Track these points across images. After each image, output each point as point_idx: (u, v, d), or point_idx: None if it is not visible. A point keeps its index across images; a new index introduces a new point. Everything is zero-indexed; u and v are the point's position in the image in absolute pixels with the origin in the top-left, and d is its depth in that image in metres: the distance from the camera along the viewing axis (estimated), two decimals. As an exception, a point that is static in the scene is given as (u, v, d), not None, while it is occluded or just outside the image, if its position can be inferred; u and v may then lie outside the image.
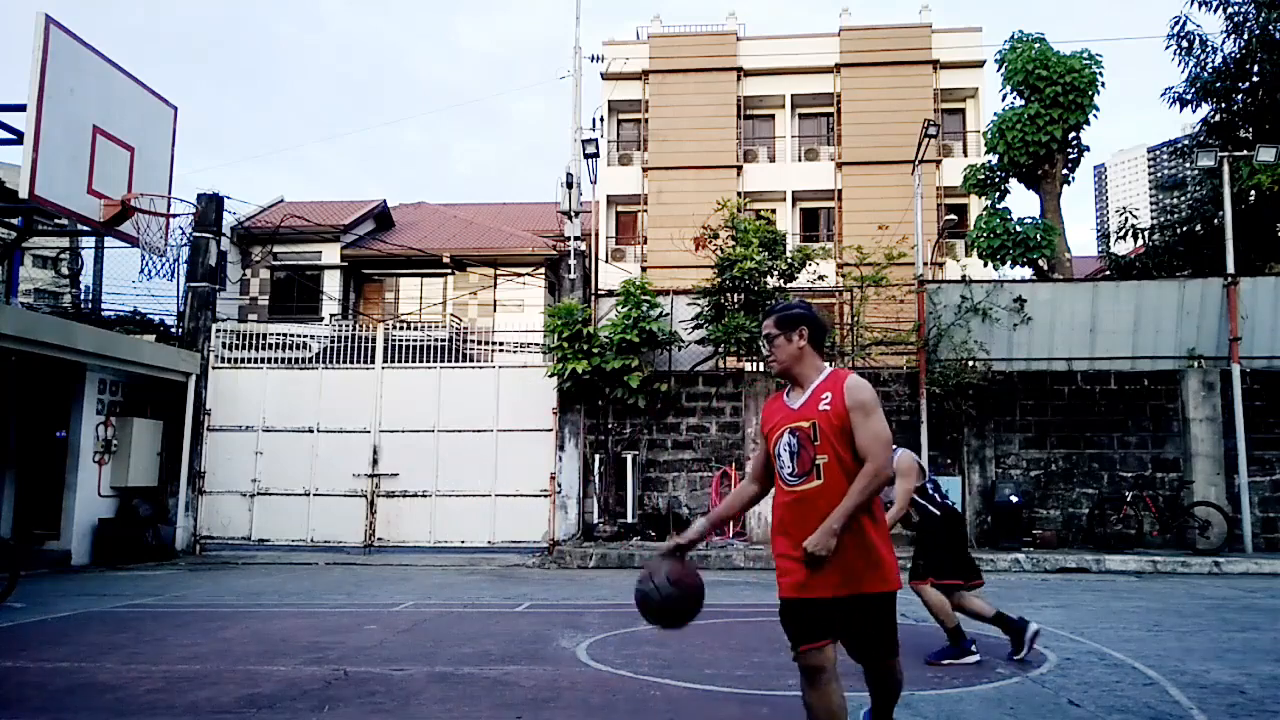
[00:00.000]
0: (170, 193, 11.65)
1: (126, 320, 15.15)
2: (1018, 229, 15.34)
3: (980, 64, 27.46)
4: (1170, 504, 12.54)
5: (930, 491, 5.84)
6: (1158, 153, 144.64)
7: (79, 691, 4.97)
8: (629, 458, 13.34)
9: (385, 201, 26.80)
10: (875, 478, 3.09)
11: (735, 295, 13.33)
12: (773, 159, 28.87)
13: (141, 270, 11.36)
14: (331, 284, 24.03)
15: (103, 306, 15.57)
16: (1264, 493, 12.77)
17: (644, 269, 25.27)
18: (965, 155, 27.06)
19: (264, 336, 15.14)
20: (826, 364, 3.40)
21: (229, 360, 14.14)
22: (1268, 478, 12.82)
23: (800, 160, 28.59)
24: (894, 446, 4.51)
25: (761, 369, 13.55)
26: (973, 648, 5.60)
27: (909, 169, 15.77)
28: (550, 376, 13.11)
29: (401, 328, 17.84)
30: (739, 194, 24.54)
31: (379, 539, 13.30)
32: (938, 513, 5.80)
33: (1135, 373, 13.19)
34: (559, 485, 13.22)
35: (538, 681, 5.21)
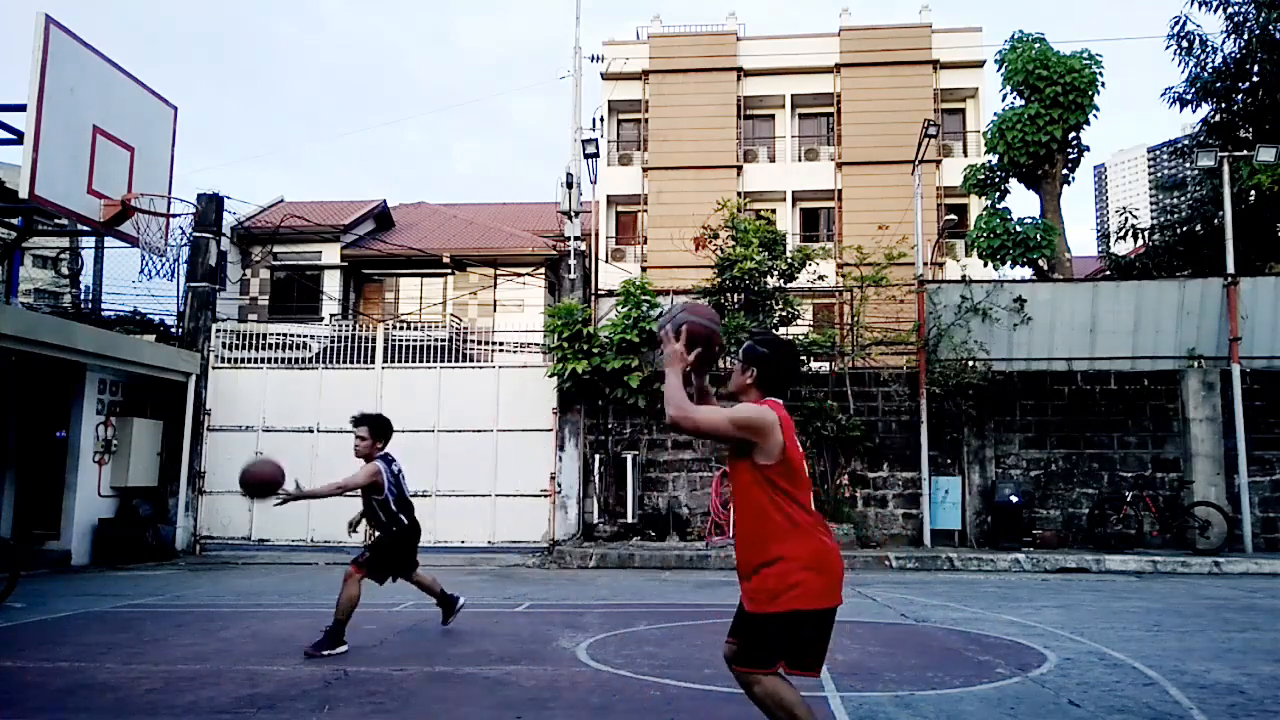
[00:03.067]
0: (170, 193, 11.63)
1: (126, 320, 15.14)
2: (1018, 229, 15.34)
3: (980, 64, 27.45)
4: (1170, 504, 12.53)
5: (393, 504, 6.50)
6: (1158, 153, 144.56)
7: (79, 691, 4.97)
8: (629, 458, 13.34)
9: (385, 201, 26.81)
10: None
11: (735, 295, 13.33)
12: (773, 159, 28.85)
13: (141, 270, 11.33)
14: (331, 284, 24.03)
15: (103, 306, 15.57)
16: (1264, 493, 12.77)
17: (644, 269, 25.25)
18: (965, 155, 27.04)
19: (264, 336, 15.14)
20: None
21: (229, 360, 14.13)
22: (1268, 478, 12.82)
23: (800, 160, 28.58)
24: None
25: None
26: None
27: (909, 169, 15.77)
28: (550, 376, 13.11)
29: (401, 328, 17.85)
30: (739, 194, 24.54)
31: (379, 539, 13.28)
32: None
33: (1135, 373, 13.19)
34: (559, 485, 13.22)
35: (538, 681, 5.21)
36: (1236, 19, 16.57)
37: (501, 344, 15.93)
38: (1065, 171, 16.27)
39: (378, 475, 6.38)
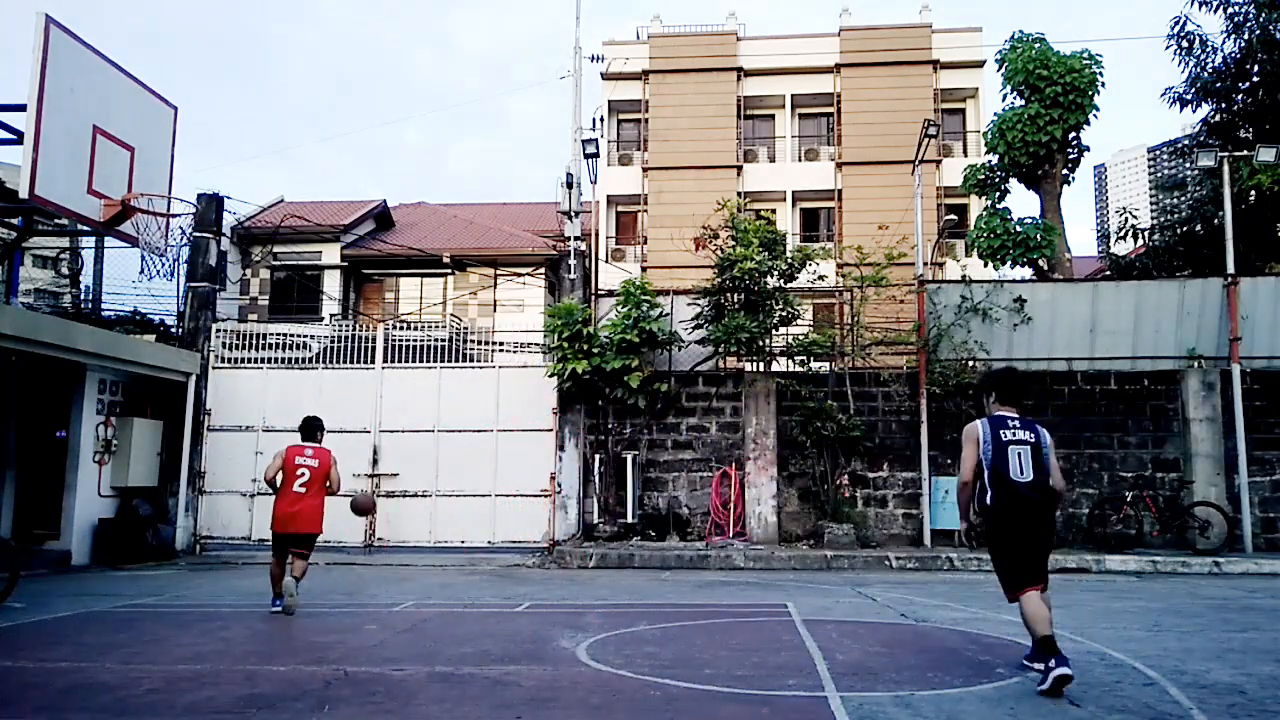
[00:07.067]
0: (170, 193, 11.65)
1: (126, 320, 15.14)
2: (1018, 229, 15.33)
3: (980, 64, 27.47)
4: (1170, 504, 12.53)
5: None
6: (1158, 153, 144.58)
7: (79, 691, 4.97)
8: (629, 458, 13.34)
9: (385, 201, 26.81)
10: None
11: (735, 295, 13.32)
12: (773, 159, 28.87)
13: (141, 270, 11.37)
14: (331, 284, 24.04)
15: (103, 306, 15.56)
16: (1264, 493, 12.76)
17: (644, 269, 25.27)
18: (965, 155, 27.06)
19: (264, 336, 15.13)
20: None
21: (229, 360, 14.13)
22: (1268, 478, 12.82)
23: (800, 160, 28.59)
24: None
25: (762, 369, 13.55)
26: None
27: (909, 169, 15.77)
28: (550, 376, 13.11)
29: (401, 328, 17.84)
30: (739, 194, 24.55)
31: (379, 539, 13.30)
32: None
33: (1135, 373, 13.19)
34: (559, 485, 13.22)
35: (538, 681, 5.21)
36: (1236, 19, 16.58)
37: (501, 344, 15.92)
38: (1065, 171, 16.27)
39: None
